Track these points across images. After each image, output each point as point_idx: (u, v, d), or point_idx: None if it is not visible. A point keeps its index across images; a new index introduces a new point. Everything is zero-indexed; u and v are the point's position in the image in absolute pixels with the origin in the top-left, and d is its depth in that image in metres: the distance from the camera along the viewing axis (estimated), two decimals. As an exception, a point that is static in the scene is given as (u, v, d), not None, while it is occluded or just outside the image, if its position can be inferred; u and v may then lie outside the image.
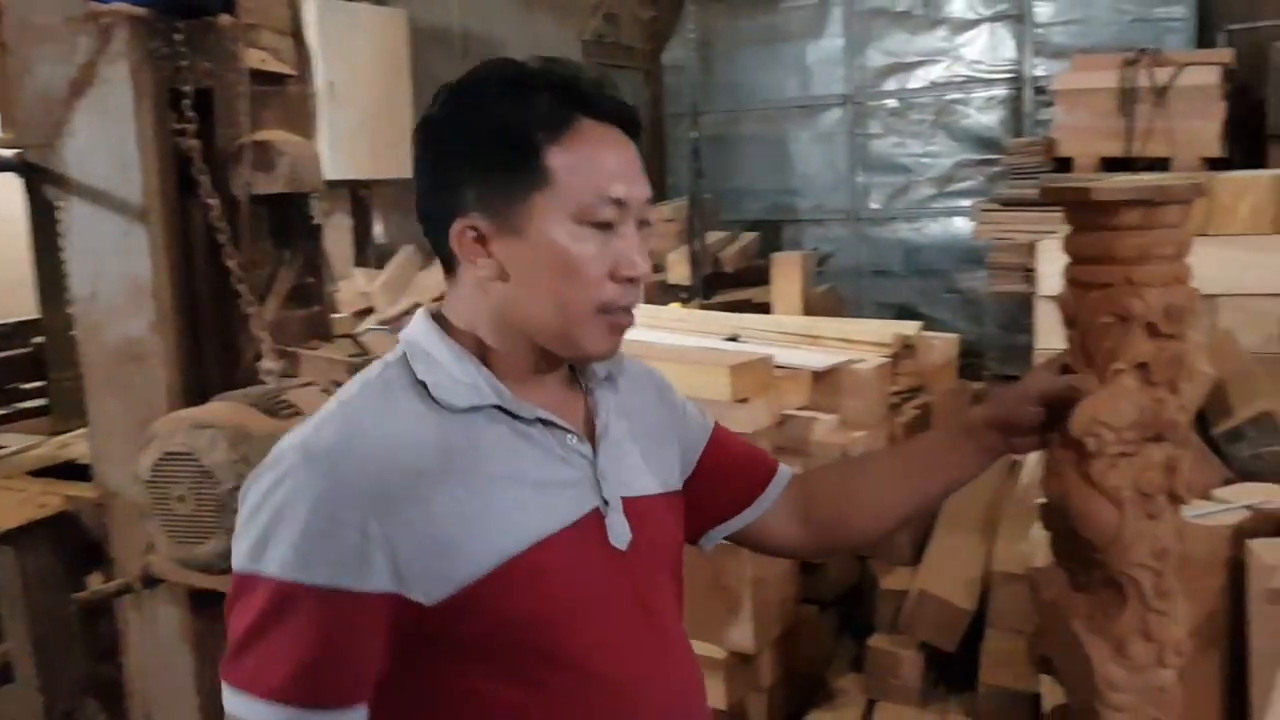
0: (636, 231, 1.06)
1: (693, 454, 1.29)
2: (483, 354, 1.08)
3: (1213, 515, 1.98)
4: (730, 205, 7.47)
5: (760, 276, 6.04)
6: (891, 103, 7.13)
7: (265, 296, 2.34)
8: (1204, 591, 1.91)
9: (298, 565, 0.95)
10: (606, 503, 1.09)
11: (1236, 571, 1.89)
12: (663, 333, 3.18)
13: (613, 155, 1.05)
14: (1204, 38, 6.19)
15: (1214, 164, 4.12)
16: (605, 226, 1.03)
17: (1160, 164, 4.19)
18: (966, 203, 6.62)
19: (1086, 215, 1.05)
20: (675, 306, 4.23)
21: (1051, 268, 3.16)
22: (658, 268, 6.15)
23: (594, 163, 1.03)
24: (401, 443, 1.00)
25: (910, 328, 3.42)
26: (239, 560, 0.98)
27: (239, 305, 2.18)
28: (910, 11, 7.09)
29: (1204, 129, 4.25)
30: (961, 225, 6.74)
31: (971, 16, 6.87)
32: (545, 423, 1.07)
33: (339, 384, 2.89)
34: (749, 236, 6.52)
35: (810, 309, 4.72)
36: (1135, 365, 1.00)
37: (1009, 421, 1.19)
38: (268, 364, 2.14)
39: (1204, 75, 4.26)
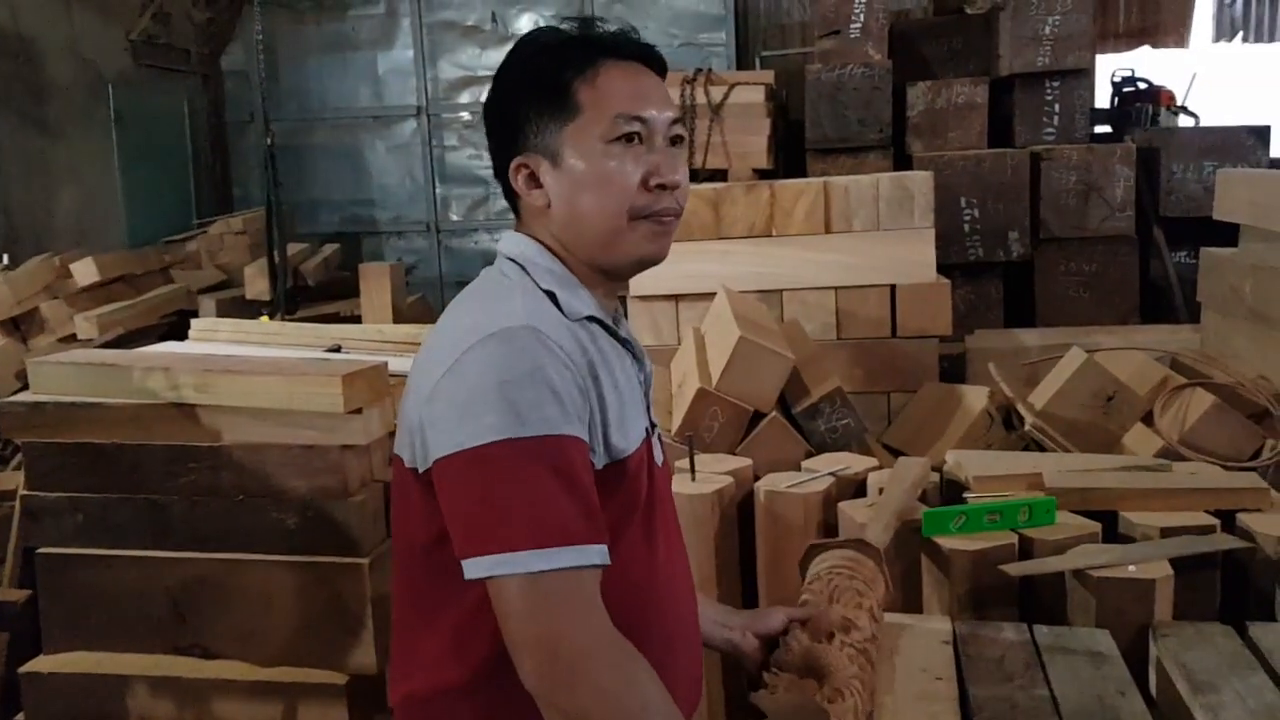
0: (668, 148, 1.20)
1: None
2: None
3: (803, 484, 2.16)
4: (305, 216, 7.16)
5: (344, 289, 5.83)
6: (465, 115, 7.19)
7: None
8: (802, 554, 2.08)
9: (563, 418, 1.07)
10: (654, 425, 1.28)
11: (829, 532, 2.08)
12: (253, 347, 2.97)
13: (633, 83, 1.20)
14: (742, 62, 6.86)
15: (763, 174, 4.55)
16: (632, 140, 1.17)
17: (720, 175, 4.55)
18: (544, 213, 6.81)
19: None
20: (264, 320, 3.96)
21: (639, 268, 3.33)
22: (230, 283, 5.76)
23: (616, 90, 1.18)
24: (569, 330, 1.14)
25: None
26: (481, 434, 1.05)
27: None
28: (479, 26, 7.20)
29: (754, 143, 4.67)
30: (540, 235, 6.95)
31: (538, 34, 7.11)
32: (624, 342, 1.24)
33: None
34: (330, 248, 6.28)
35: (401, 320, 4.63)
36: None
37: (760, 628, 1.43)
38: None
39: (751, 94, 4.68)
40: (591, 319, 1.18)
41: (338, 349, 2.78)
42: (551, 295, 1.17)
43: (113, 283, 4.99)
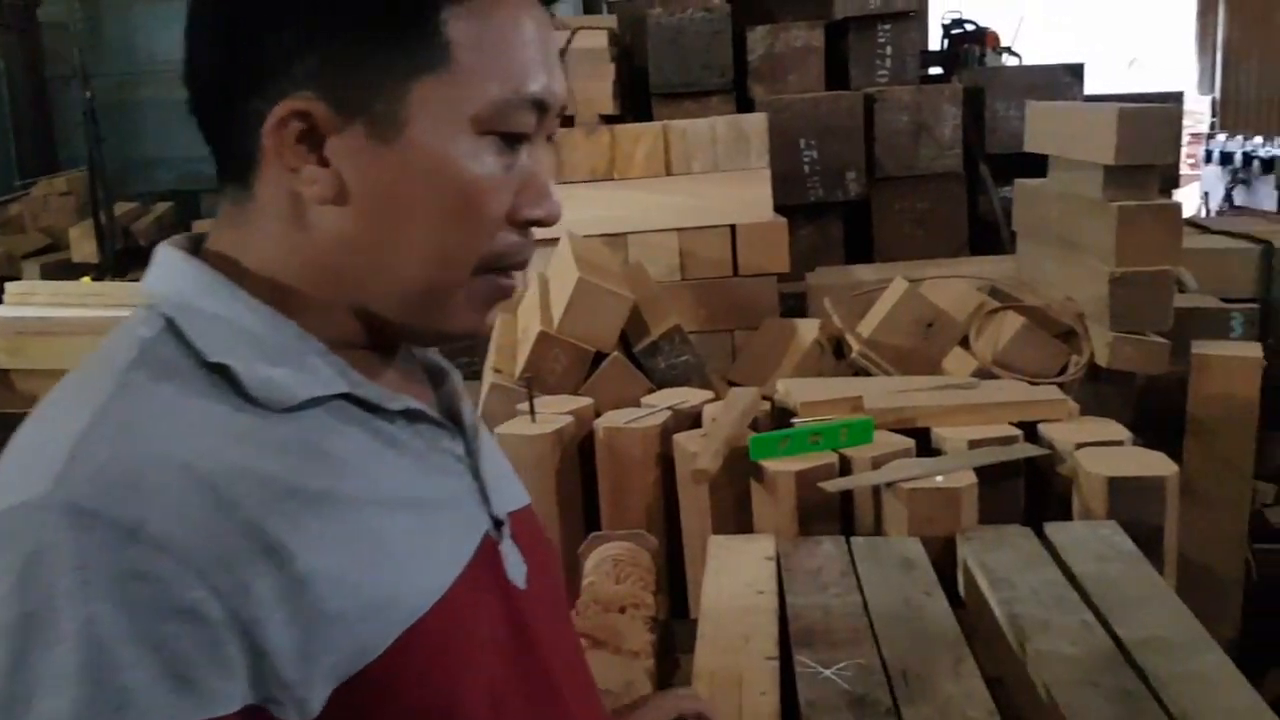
0: (546, 149, 0.73)
1: None
2: (292, 315, 0.69)
3: (641, 419, 2.22)
4: (138, 175, 6.87)
5: (183, 249, 5.63)
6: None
7: None
8: (642, 486, 2.14)
9: (107, 705, 0.55)
10: (499, 523, 0.77)
11: (667, 465, 2.14)
12: (73, 309, 2.85)
13: (536, 33, 0.70)
14: (589, 10, 6.84)
15: (609, 119, 4.56)
16: (515, 141, 0.70)
17: (566, 120, 4.55)
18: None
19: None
20: (85, 281, 3.79)
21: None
22: (56, 247, 5.49)
23: (512, 41, 0.68)
24: (222, 464, 0.61)
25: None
26: None
27: None
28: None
29: (599, 88, 4.67)
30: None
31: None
32: (413, 415, 0.72)
33: None
34: (163, 206, 6.05)
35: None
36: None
37: None
38: None
39: (594, 39, 4.68)
40: (318, 400, 0.67)
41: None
42: (225, 371, 0.65)
43: (-75, 250, 4.72)
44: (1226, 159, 8.01)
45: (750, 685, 1.28)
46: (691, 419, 2.24)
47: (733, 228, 3.31)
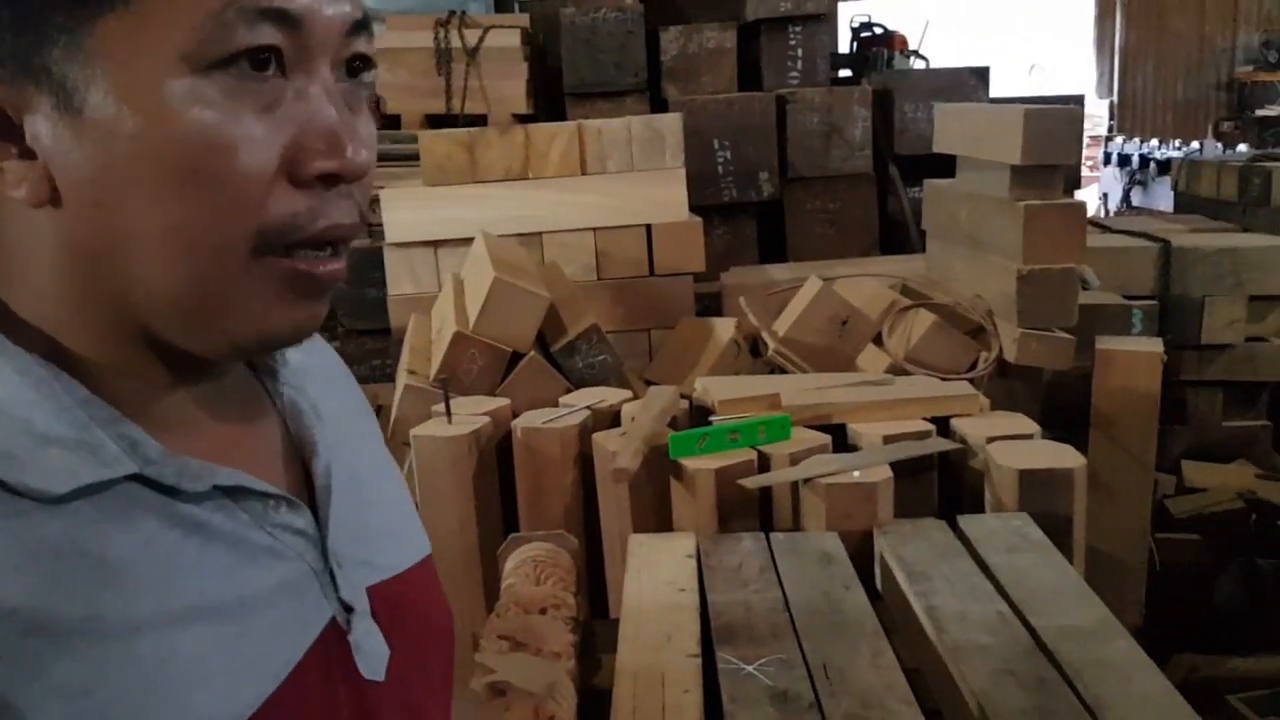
0: (335, 83, 0.58)
1: None
2: (75, 368, 0.56)
3: (560, 419, 2.20)
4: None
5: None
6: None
7: None
8: (561, 486, 2.12)
9: None
10: (350, 608, 0.64)
11: (585, 465, 2.13)
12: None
13: None
14: (501, 9, 6.79)
15: (523, 119, 4.54)
16: (260, 68, 0.54)
17: (479, 120, 4.52)
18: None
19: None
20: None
21: (396, 216, 3.27)
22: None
23: None
24: None
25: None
26: None
27: None
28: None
29: (512, 87, 4.67)
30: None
31: (284, -24, 6.78)
32: (230, 492, 0.59)
33: None
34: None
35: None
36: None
37: None
38: None
39: (507, 38, 4.67)
40: (101, 484, 0.54)
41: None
42: None
43: None
44: (1124, 161, 8.29)
45: (673, 683, 1.27)
46: (610, 418, 2.24)
47: (648, 227, 3.31)
